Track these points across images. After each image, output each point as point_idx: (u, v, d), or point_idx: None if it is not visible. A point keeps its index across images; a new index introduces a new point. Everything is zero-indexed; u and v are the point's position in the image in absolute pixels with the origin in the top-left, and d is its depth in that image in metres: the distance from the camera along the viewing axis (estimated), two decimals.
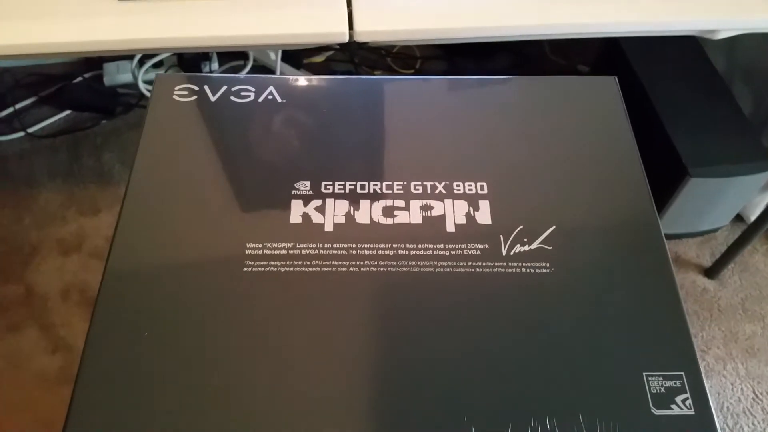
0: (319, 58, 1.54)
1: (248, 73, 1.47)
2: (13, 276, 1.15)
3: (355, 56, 1.54)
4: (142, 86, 1.42)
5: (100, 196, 1.28)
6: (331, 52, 1.54)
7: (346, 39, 0.66)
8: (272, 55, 1.44)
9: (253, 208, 0.49)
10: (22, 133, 1.35)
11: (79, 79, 1.44)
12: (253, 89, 0.57)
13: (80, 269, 1.17)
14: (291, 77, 0.59)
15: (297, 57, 1.51)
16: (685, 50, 1.21)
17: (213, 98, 0.56)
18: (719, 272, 1.21)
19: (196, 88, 0.57)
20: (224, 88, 0.57)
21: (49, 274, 1.16)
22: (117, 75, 1.44)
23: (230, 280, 0.45)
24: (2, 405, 1.00)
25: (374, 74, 1.53)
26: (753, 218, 1.12)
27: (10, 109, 1.37)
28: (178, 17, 0.67)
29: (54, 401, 1.00)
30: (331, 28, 0.66)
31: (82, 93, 1.44)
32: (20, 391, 1.02)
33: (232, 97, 0.57)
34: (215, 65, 1.48)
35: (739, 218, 1.26)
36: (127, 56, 1.44)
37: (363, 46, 0.67)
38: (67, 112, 1.41)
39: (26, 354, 1.06)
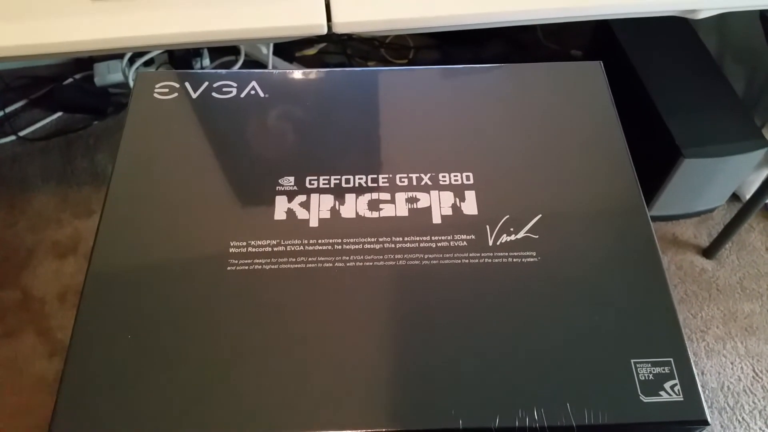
0: (311, 51, 1.53)
1: (240, 68, 1.46)
2: (8, 281, 1.15)
3: (347, 48, 1.53)
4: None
5: (95, 198, 1.28)
6: (323, 45, 1.53)
7: (325, 31, 0.66)
8: (264, 50, 1.43)
9: (237, 206, 0.49)
10: (13, 137, 1.35)
11: (70, 80, 1.43)
12: (235, 85, 0.57)
13: (77, 272, 1.17)
14: (274, 71, 0.59)
15: (289, 50, 1.50)
16: (676, 32, 1.20)
17: (194, 95, 0.56)
18: (717, 252, 1.21)
19: (177, 85, 0.56)
20: (205, 84, 0.57)
21: (46, 277, 1.16)
22: (108, 75, 1.43)
23: (214, 279, 0.44)
24: (1, 410, 1.00)
25: (367, 65, 1.52)
26: (748, 197, 1.11)
27: (0, 113, 1.36)
28: (157, 14, 0.67)
29: (52, 405, 1.00)
30: (308, 21, 0.65)
31: (73, 94, 1.42)
32: (19, 396, 1.02)
33: (214, 94, 0.56)
34: (206, 61, 1.47)
35: (735, 197, 1.25)
36: (117, 55, 1.43)
37: (353, 37, 0.66)
38: (59, 114, 1.40)
39: (24, 359, 1.06)
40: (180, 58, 1.45)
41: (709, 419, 0.39)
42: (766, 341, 1.12)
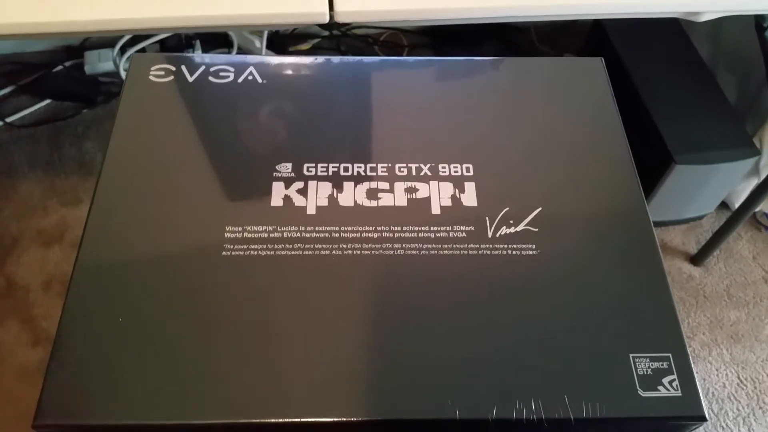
0: (304, 46, 1.52)
1: None
2: None
3: (341, 44, 1.52)
4: (124, 74, 1.39)
5: (82, 186, 1.26)
6: (317, 40, 1.52)
7: (327, 19, 0.65)
8: (257, 43, 1.42)
9: (233, 191, 0.48)
10: (0, 123, 1.33)
11: (60, 67, 1.41)
12: (232, 69, 0.56)
13: (62, 260, 1.15)
14: (272, 57, 0.58)
15: (282, 45, 1.49)
16: (670, 37, 1.21)
17: (191, 79, 0.55)
18: (704, 259, 1.21)
19: (173, 68, 0.55)
20: (202, 68, 0.56)
21: (31, 265, 1.14)
22: (98, 63, 1.41)
23: (209, 264, 0.44)
24: None
25: None
26: (737, 205, 1.12)
27: None
28: None
29: (35, 394, 0.98)
30: (310, 8, 0.64)
31: (62, 82, 1.41)
32: (1, 385, 1.00)
33: (211, 78, 0.55)
34: (198, 53, 1.46)
35: (724, 205, 1.26)
36: (108, 44, 1.41)
37: (348, 33, 0.66)
38: (47, 101, 1.39)
39: (7, 347, 1.04)
40: (172, 48, 1.44)
41: (707, 415, 0.38)
42: (752, 349, 1.12)
